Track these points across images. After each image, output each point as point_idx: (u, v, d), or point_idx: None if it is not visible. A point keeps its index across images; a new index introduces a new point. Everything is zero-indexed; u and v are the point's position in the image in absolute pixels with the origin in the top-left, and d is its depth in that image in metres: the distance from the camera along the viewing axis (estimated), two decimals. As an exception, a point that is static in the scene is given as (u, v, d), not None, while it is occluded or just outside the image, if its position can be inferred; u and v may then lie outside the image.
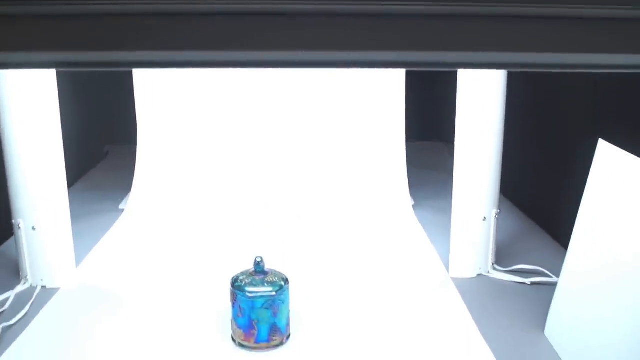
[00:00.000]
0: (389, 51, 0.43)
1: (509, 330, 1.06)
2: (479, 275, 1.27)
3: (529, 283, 1.22)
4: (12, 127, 1.12)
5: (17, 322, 1.07)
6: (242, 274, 1.00)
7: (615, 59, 0.47)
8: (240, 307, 0.97)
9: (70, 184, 1.89)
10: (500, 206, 1.28)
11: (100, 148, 2.26)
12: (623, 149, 0.86)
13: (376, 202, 1.65)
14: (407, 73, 1.70)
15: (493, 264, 1.29)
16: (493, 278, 1.27)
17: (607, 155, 0.90)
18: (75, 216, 1.57)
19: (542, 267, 1.26)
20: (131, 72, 1.66)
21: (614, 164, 0.88)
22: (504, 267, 1.29)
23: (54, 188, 1.17)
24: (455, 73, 1.20)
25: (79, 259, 1.30)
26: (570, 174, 1.23)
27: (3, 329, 1.03)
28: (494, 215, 1.25)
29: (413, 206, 1.66)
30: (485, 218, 1.24)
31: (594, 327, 0.87)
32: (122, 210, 1.65)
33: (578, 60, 0.47)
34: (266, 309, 0.96)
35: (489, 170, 1.22)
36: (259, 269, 0.99)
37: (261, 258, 0.99)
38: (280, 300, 0.98)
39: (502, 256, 1.33)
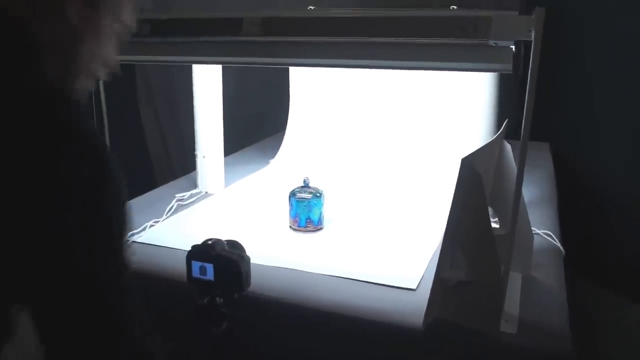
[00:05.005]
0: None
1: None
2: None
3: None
4: (198, 105, 2.00)
5: (188, 203, 1.96)
6: (297, 187, 1.72)
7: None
8: (291, 205, 1.70)
9: (244, 146, 2.80)
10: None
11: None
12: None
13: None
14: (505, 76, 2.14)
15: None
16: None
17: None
18: (235, 162, 2.45)
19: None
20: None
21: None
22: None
23: (214, 136, 2.04)
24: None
25: (229, 183, 2.17)
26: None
27: (179, 205, 1.92)
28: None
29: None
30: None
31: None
32: (269, 162, 2.48)
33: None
34: (304, 206, 1.67)
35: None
36: (304, 184, 1.70)
37: (307, 177, 1.70)
38: (313, 204, 1.67)
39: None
